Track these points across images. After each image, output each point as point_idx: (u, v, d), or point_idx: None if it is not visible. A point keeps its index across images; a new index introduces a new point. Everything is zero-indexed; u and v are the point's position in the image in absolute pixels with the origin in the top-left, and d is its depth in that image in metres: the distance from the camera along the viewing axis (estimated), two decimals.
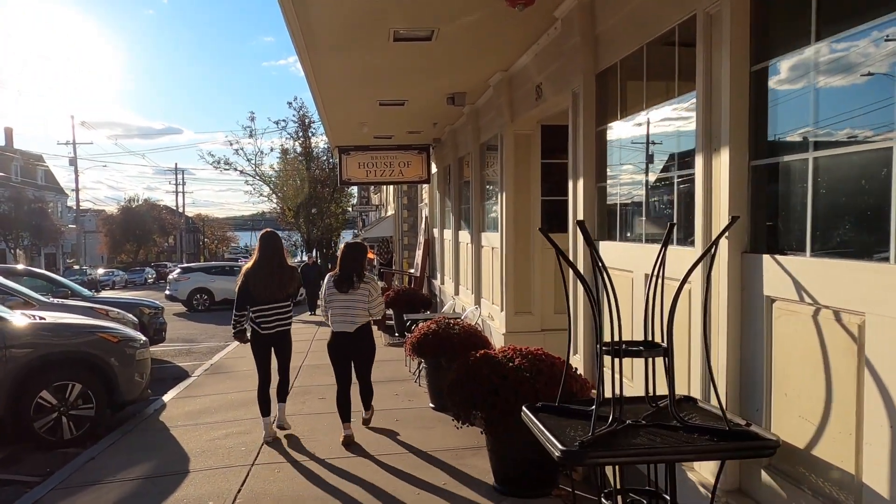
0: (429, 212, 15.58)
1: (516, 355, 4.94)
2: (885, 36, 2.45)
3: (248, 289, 6.17)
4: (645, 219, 4.42)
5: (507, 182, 7.60)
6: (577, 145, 5.28)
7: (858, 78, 2.62)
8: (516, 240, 7.64)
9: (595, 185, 5.10)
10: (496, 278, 8.39)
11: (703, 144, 3.43)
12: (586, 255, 5.05)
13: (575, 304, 5.42)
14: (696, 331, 3.64)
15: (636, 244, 4.53)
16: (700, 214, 3.50)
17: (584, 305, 5.22)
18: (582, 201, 5.16)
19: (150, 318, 13.96)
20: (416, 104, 9.37)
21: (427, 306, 13.66)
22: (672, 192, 4.06)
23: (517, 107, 7.42)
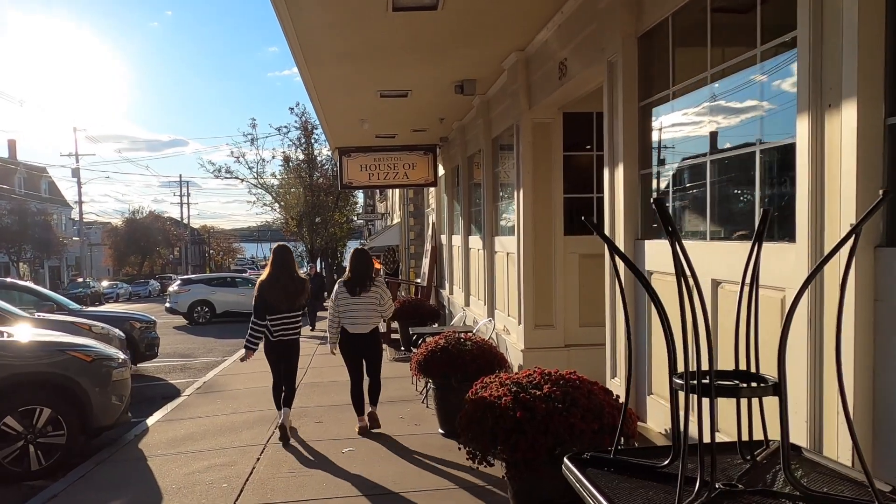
0: (436, 217, 14.69)
1: (544, 380, 4.02)
2: None
3: (265, 300, 6.53)
4: (709, 211, 3.50)
5: (525, 178, 6.70)
6: (614, 126, 4.39)
7: None
8: (535, 243, 6.73)
9: (638, 172, 4.21)
10: (512, 287, 7.47)
11: (811, 100, 2.52)
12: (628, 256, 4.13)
13: (613, 317, 4.51)
14: (797, 354, 2.72)
15: (697, 242, 3.61)
16: (805, 197, 2.58)
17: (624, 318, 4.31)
18: (622, 193, 4.26)
19: (140, 332, 13.12)
20: (421, 95, 8.50)
21: (435, 318, 12.75)
22: (750, 173, 3.14)
23: (536, 91, 6.54)
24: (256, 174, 33.28)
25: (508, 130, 7.72)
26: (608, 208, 4.55)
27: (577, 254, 6.82)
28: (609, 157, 4.46)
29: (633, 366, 4.20)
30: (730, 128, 3.36)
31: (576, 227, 6.93)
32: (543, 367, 4.12)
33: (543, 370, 4.13)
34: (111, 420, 7.14)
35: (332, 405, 8.58)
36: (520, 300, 6.90)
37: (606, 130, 4.48)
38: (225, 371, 12.35)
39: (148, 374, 13.38)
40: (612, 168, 4.44)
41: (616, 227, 4.40)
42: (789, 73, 2.76)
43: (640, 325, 4.19)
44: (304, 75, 7.31)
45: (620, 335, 4.39)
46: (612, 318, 4.47)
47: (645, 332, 4.13)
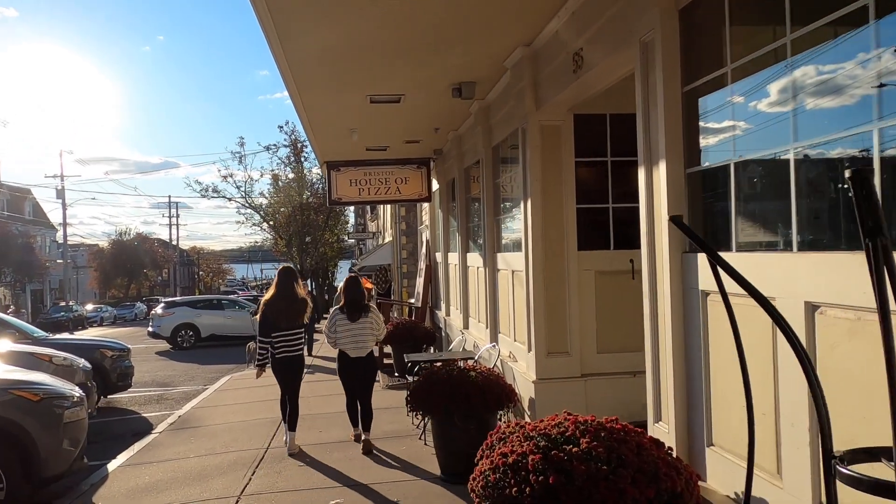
0: (430, 234, 13.93)
1: (579, 431, 3.23)
2: None
3: (268, 317, 6.94)
4: (795, 214, 2.74)
5: (533, 188, 5.95)
6: (650, 117, 3.67)
7: None
8: (546, 260, 5.97)
9: (683, 170, 3.46)
10: (519, 309, 6.70)
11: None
12: (674, 273, 3.37)
13: (655, 345, 3.73)
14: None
15: (779, 255, 2.85)
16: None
17: (674, 344, 3.53)
18: (664, 196, 3.51)
19: (112, 361, 12.22)
20: (415, 100, 7.77)
21: (431, 341, 11.95)
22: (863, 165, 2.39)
23: (544, 89, 5.82)
24: (245, 193, 32.46)
25: (512, 136, 6.99)
26: (645, 216, 3.79)
27: (593, 271, 6.07)
28: (645, 154, 3.73)
29: (706, 411, 3.41)
30: (826, 110, 2.61)
31: (591, 240, 6.19)
32: (576, 414, 3.33)
33: (577, 418, 3.34)
34: (62, 468, 6.30)
35: (318, 443, 7.74)
36: (529, 324, 6.13)
37: (641, 124, 3.75)
38: (204, 402, 11.47)
39: (120, 407, 12.47)
40: (649, 167, 3.70)
41: (657, 237, 3.65)
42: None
43: (692, 355, 3.43)
44: (286, 74, 6.56)
45: (667, 369, 3.60)
46: (654, 347, 3.69)
47: (700, 364, 3.37)
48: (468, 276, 9.76)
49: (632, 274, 6.06)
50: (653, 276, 3.63)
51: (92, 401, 9.90)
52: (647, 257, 3.73)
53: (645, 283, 3.75)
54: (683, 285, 3.39)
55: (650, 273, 3.66)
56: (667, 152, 3.45)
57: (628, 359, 6.06)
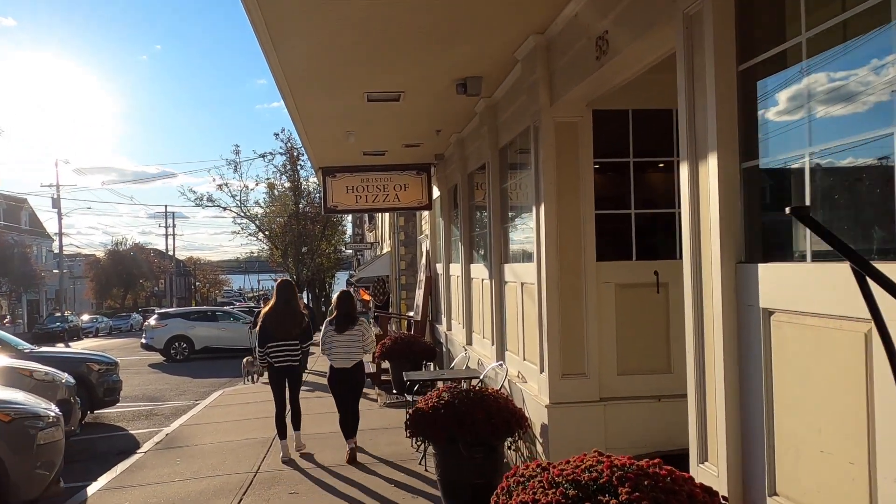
0: (430, 244, 13.36)
1: (616, 477, 2.65)
2: None
3: (266, 328, 7.29)
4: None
5: (547, 192, 5.39)
6: (696, 104, 3.12)
7: None
8: (561, 272, 5.40)
9: (738, 165, 2.90)
10: (530, 326, 6.12)
11: None
12: (726, 287, 2.80)
13: (700, 372, 3.15)
14: None
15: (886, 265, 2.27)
16: None
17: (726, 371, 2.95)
18: (715, 195, 2.94)
19: (99, 375, 11.67)
20: (416, 97, 7.23)
21: (431, 357, 11.36)
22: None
23: (560, 82, 5.27)
24: (240, 202, 31.89)
25: (522, 136, 6.44)
26: (688, 220, 3.22)
27: (613, 283, 5.50)
28: (689, 148, 3.17)
29: (768, 453, 2.82)
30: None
31: (610, 250, 5.62)
32: (609, 454, 2.74)
33: (612, 460, 2.75)
34: (35, 493, 5.89)
35: (312, 466, 7.17)
36: (542, 342, 5.54)
37: (685, 113, 3.20)
38: (194, 419, 10.90)
39: (107, 423, 11.89)
40: (693, 163, 3.15)
41: (704, 245, 3.08)
42: None
43: (750, 385, 2.85)
44: (275, 69, 6.02)
45: (715, 401, 3.02)
46: (699, 375, 3.11)
47: (759, 396, 2.79)
48: (472, 288, 9.18)
49: (656, 287, 5.50)
50: (697, 289, 3.07)
51: (75, 418, 9.33)
52: (690, 268, 3.16)
53: (687, 298, 3.18)
54: (738, 301, 2.83)
55: (694, 286, 3.09)
56: (719, 144, 2.89)
57: (652, 381, 5.49)
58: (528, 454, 5.99)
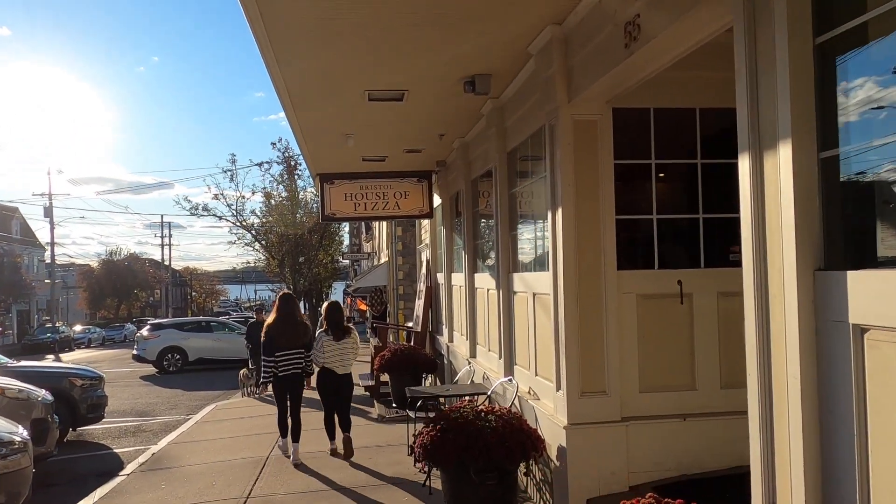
0: (430, 254, 12.94)
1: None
2: None
3: (273, 339, 7.62)
4: None
5: (565, 195, 4.98)
6: (759, 85, 2.71)
7: None
8: (580, 281, 4.98)
9: (816, 155, 2.49)
10: (544, 339, 5.70)
11: None
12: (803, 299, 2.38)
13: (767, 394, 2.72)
14: None
15: None
16: None
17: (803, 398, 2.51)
18: (790, 192, 2.52)
19: (82, 391, 11.17)
20: (419, 97, 6.83)
21: (432, 369, 10.91)
22: None
23: (580, 76, 4.88)
24: (236, 212, 31.41)
25: (535, 137, 6.04)
26: (750, 222, 2.80)
27: (635, 294, 5.08)
28: (751, 138, 2.75)
29: (862, 499, 2.37)
30: None
31: (632, 258, 5.21)
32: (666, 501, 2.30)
33: (661, 500, 2.32)
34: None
35: (307, 491, 6.70)
36: (558, 357, 5.12)
37: (745, 96, 2.78)
38: (183, 436, 10.41)
39: (91, 441, 11.39)
40: (757, 156, 2.73)
41: (771, 250, 2.65)
42: None
43: (836, 415, 2.40)
44: (271, 65, 5.62)
45: (787, 431, 2.57)
46: (765, 403, 2.66)
47: (849, 428, 2.35)
48: (476, 298, 8.76)
49: (680, 298, 5.09)
50: (762, 301, 2.65)
51: (52, 438, 8.82)
52: (752, 276, 2.74)
53: (749, 312, 2.75)
54: (818, 316, 2.40)
55: (759, 298, 2.66)
56: (793, 131, 2.47)
57: (676, 399, 5.08)
58: (541, 478, 5.54)
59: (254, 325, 15.01)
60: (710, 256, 5.19)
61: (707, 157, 5.21)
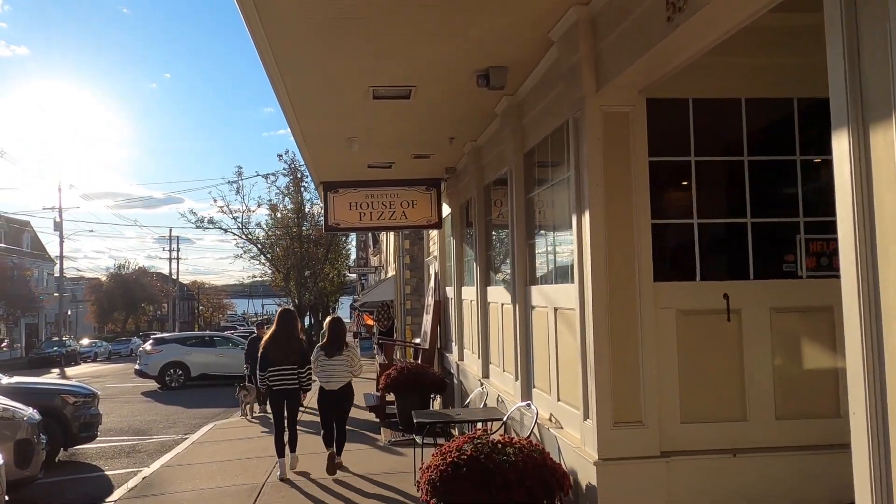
0: (439, 266, 12.34)
1: None
2: None
3: (266, 354, 7.76)
4: None
5: (593, 197, 4.38)
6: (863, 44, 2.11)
7: None
8: (611, 295, 4.36)
9: None
10: (567, 360, 5.07)
11: None
12: None
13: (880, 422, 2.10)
14: None
15: None
16: None
17: None
18: None
19: (75, 409, 10.58)
20: (428, 93, 6.26)
21: (441, 389, 10.28)
22: None
23: (610, 61, 4.29)
24: (241, 224, 30.94)
25: (556, 136, 5.45)
26: (855, 218, 2.17)
27: (674, 309, 4.45)
28: (851, 113, 2.15)
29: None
30: None
31: (670, 268, 4.59)
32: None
33: None
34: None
35: None
36: (586, 381, 4.49)
37: (840, 51, 2.18)
38: (178, 458, 9.83)
39: (83, 461, 10.81)
40: (862, 132, 2.13)
41: (886, 253, 2.04)
42: None
43: None
44: (266, 58, 5.08)
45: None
46: (879, 444, 2.04)
47: None
48: (489, 314, 8.14)
49: (726, 314, 4.45)
50: (872, 318, 2.03)
51: (37, 460, 8.22)
52: (856, 286, 2.12)
53: (853, 330, 2.13)
54: None
55: (867, 314, 2.04)
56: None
57: (724, 431, 4.43)
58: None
59: (254, 341, 14.42)
60: (760, 266, 4.56)
61: (755, 154, 4.60)
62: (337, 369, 7.68)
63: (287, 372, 7.71)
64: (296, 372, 7.76)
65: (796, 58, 4.56)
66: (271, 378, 7.75)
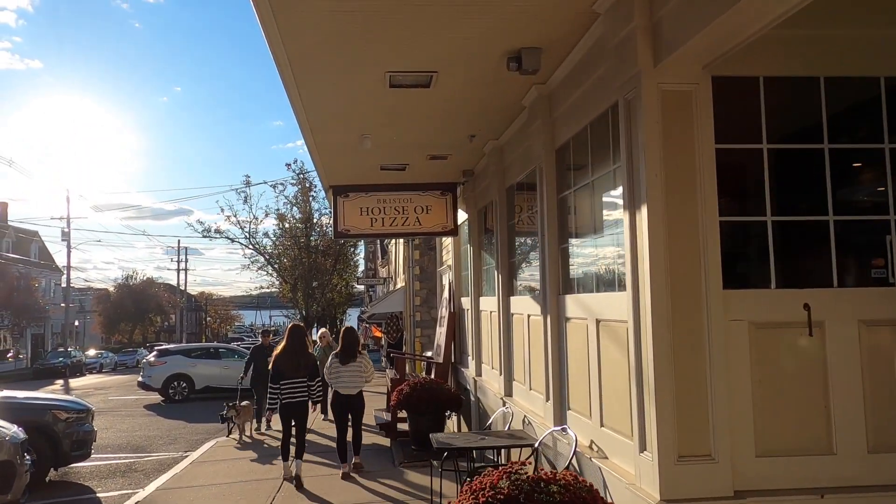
0: (454, 276, 11.67)
1: None
2: None
3: (278, 368, 8.21)
4: None
5: (651, 188, 3.73)
6: None
7: None
8: (674, 303, 3.69)
9: None
10: (612, 381, 4.40)
11: None
12: None
13: None
14: None
15: None
16: None
17: None
18: None
19: (67, 425, 9.97)
20: (451, 80, 5.62)
21: (456, 406, 9.60)
22: None
23: (674, 28, 3.65)
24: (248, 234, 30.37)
25: (598, 123, 4.80)
26: None
27: (747, 321, 3.78)
28: None
29: None
30: None
31: (740, 274, 3.93)
32: None
33: None
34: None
35: None
36: (641, 406, 3.82)
37: None
38: (175, 479, 9.22)
39: (75, 482, 10.19)
40: None
41: None
42: None
43: None
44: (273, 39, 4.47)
45: None
46: None
47: None
48: (512, 326, 7.47)
49: (808, 328, 3.78)
50: None
51: (20, 484, 7.59)
52: None
53: None
54: None
55: None
56: None
57: (808, 466, 3.74)
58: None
59: (258, 350, 13.64)
60: (844, 272, 3.89)
61: (836, 141, 3.95)
62: (351, 375, 8.26)
63: (297, 385, 8.11)
64: (306, 385, 8.17)
65: (884, 29, 3.92)
66: (283, 390, 8.10)
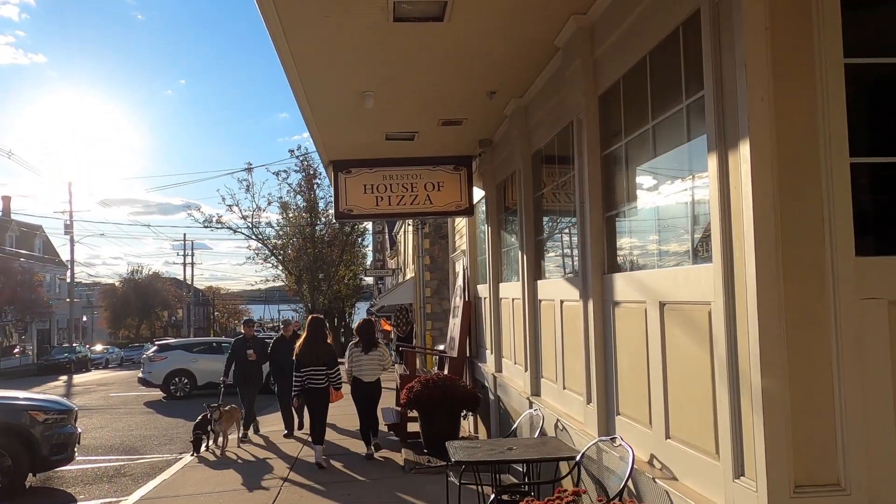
0: (469, 262, 10.64)
1: None
2: None
3: (301, 358, 8.81)
4: None
5: (755, 117, 2.69)
6: None
7: None
8: (786, 277, 2.67)
9: None
10: (684, 379, 3.37)
11: None
12: None
13: None
14: None
15: None
16: None
17: None
18: None
19: (46, 427, 9.10)
20: (469, 10, 4.57)
21: (474, 405, 8.65)
22: None
23: None
24: (251, 224, 29.41)
25: (663, 51, 3.74)
26: None
27: (885, 300, 2.75)
28: None
29: None
30: None
31: (884, 236, 2.89)
32: None
33: None
34: None
35: None
36: (737, 417, 2.80)
37: None
38: (163, 487, 8.43)
39: (57, 488, 9.40)
40: None
41: None
42: None
43: None
44: None
45: None
46: None
47: None
48: (539, 314, 6.44)
49: None
50: None
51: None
52: None
53: None
54: None
55: None
56: None
57: None
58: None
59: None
60: None
61: None
62: (371, 364, 8.90)
63: (316, 372, 8.67)
64: (325, 373, 8.72)
65: None
66: (306, 378, 8.68)
